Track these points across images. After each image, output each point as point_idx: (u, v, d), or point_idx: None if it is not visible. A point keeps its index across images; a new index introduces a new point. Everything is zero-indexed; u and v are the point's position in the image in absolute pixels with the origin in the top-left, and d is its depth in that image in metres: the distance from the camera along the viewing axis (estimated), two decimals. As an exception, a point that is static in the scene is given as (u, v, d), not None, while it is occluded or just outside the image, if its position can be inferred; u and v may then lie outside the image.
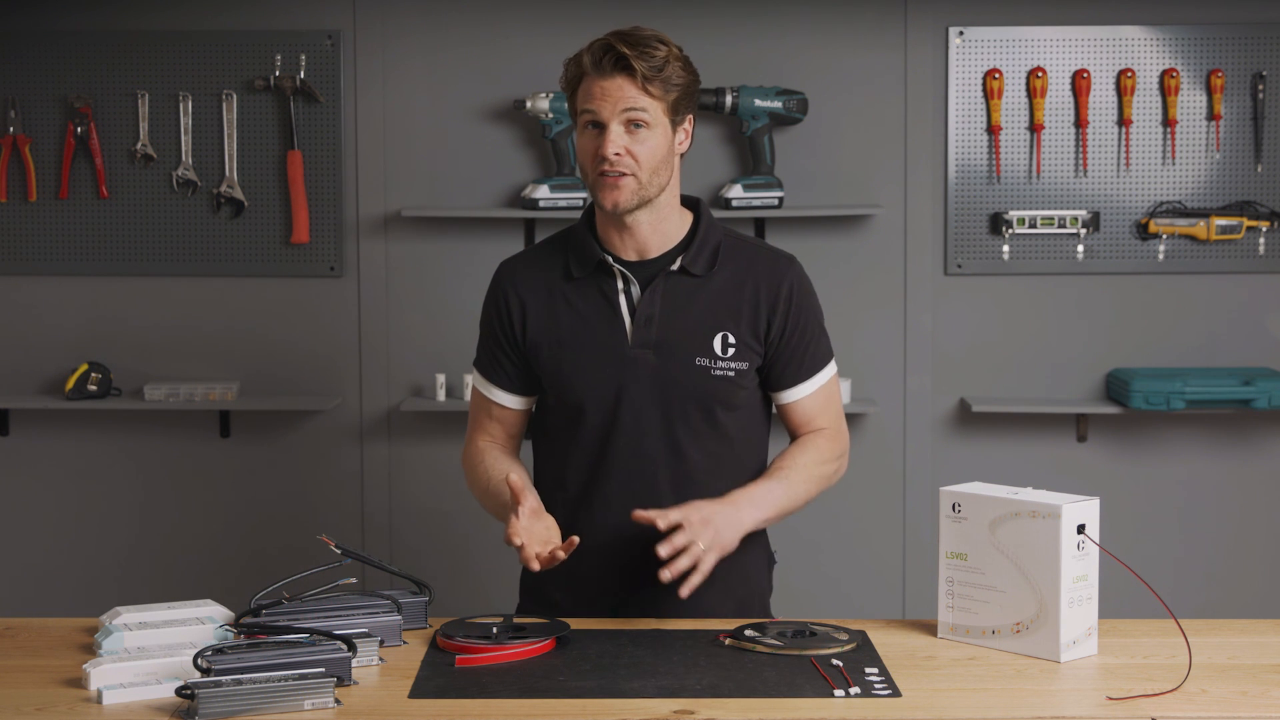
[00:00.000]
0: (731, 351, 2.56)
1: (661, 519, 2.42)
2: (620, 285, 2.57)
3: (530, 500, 2.46)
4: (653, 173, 2.49)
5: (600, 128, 2.47)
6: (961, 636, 2.36)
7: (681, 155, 2.57)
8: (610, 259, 2.56)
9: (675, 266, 2.56)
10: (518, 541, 2.39)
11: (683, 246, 2.58)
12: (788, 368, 2.60)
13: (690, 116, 2.56)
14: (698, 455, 2.57)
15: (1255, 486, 4.40)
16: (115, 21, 4.34)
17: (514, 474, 2.49)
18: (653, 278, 2.56)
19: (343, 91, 4.34)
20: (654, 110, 2.47)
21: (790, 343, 2.59)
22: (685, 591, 2.40)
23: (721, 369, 2.56)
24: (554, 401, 2.61)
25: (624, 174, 2.47)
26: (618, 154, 2.46)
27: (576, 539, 2.39)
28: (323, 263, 4.38)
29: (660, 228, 2.56)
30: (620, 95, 2.45)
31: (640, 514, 2.43)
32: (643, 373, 2.54)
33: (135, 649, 2.22)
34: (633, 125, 2.47)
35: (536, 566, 2.39)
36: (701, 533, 2.42)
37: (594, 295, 2.57)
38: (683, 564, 2.40)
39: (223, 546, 4.42)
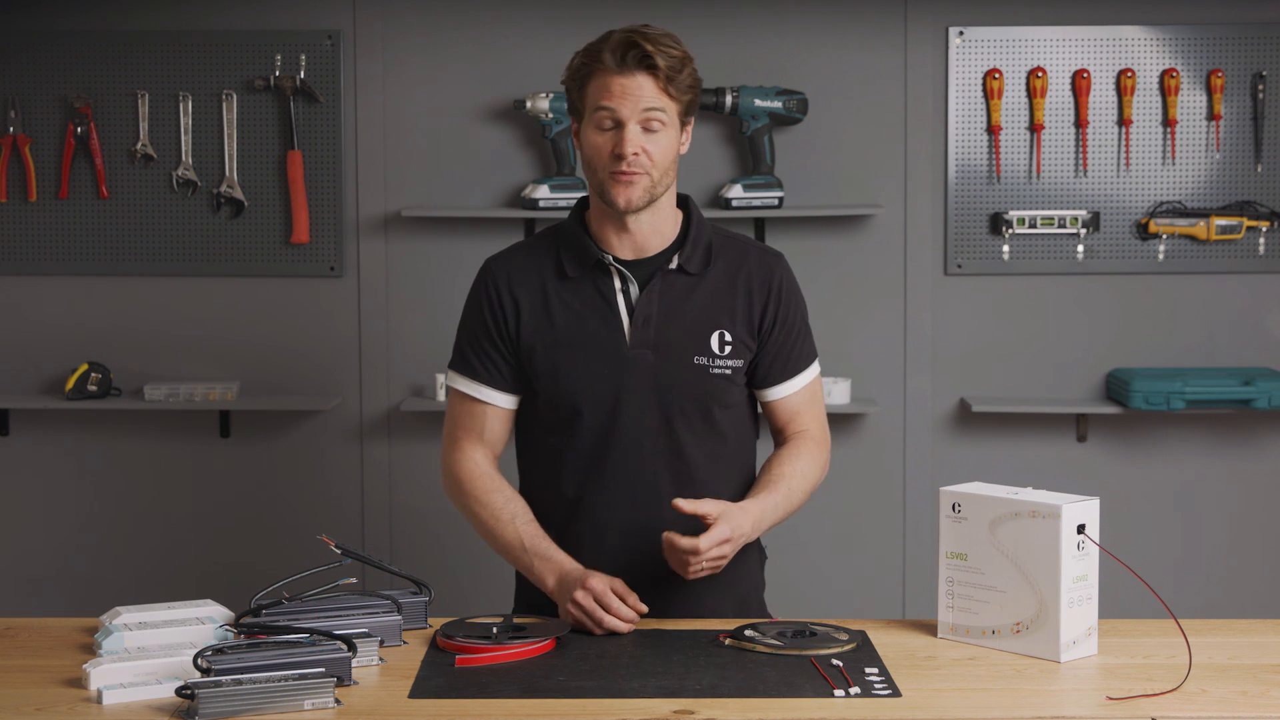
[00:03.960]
0: (729, 349, 2.56)
1: (707, 515, 2.43)
2: (618, 284, 2.56)
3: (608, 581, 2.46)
4: (664, 173, 2.50)
5: (617, 125, 2.47)
6: (961, 636, 2.36)
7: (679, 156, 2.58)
8: (609, 258, 2.56)
9: (672, 265, 2.56)
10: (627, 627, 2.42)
11: (677, 245, 2.58)
12: (774, 363, 2.60)
13: (692, 119, 2.56)
14: (697, 455, 2.56)
15: (1255, 486, 4.40)
16: (115, 21, 4.34)
17: (592, 578, 2.45)
18: (650, 277, 2.56)
19: (343, 91, 4.34)
20: (670, 111, 2.48)
21: (778, 338, 2.60)
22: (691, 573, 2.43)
23: (719, 367, 2.56)
24: (547, 403, 2.58)
25: (639, 172, 2.47)
26: (635, 153, 2.46)
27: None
28: (323, 263, 4.38)
29: (659, 227, 2.57)
30: (641, 94, 2.46)
31: (683, 505, 2.43)
32: (642, 373, 2.54)
33: (135, 649, 2.23)
34: (649, 125, 2.47)
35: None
36: (726, 549, 2.45)
37: (590, 294, 2.56)
38: (702, 570, 2.44)
39: (223, 546, 4.42)
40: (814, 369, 2.67)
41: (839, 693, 2.10)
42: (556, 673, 2.19)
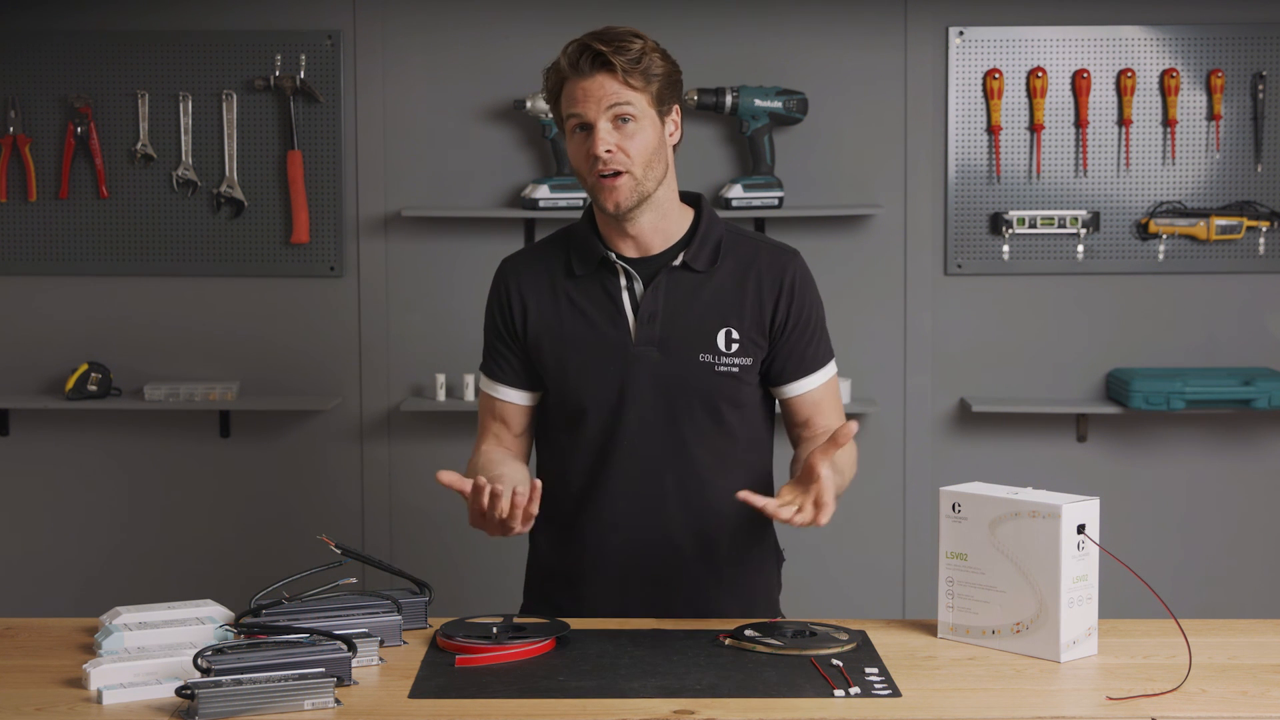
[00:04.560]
0: (736, 347, 2.55)
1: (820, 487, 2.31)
2: (624, 282, 2.55)
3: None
4: (646, 166, 2.47)
5: (588, 129, 2.46)
6: (961, 636, 2.36)
7: (674, 147, 2.56)
8: (613, 256, 2.56)
9: (677, 262, 2.56)
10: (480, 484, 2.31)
11: (684, 242, 2.57)
12: (790, 359, 2.58)
13: (676, 106, 2.54)
14: (703, 454, 2.56)
15: (1255, 486, 4.40)
16: (115, 21, 4.34)
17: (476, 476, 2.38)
18: (655, 274, 2.55)
19: (343, 91, 4.34)
20: (639, 102, 2.45)
21: (794, 335, 2.57)
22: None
23: (725, 365, 2.54)
24: (556, 399, 2.59)
25: (619, 172, 2.46)
26: (609, 151, 2.44)
27: (539, 483, 2.34)
28: (323, 263, 4.38)
29: (661, 225, 2.55)
30: (603, 93, 2.44)
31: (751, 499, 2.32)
32: (646, 370, 2.53)
33: (135, 649, 2.22)
34: (620, 121, 2.45)
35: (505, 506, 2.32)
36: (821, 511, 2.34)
37: (597, 293, 2.56)
38: (801, 518, 2.31)
39: (223, 546, 4.42)
40: (832, 368, 2.63)
41: (839, 693, 2.10)
42: (556, 673, 2.19)
